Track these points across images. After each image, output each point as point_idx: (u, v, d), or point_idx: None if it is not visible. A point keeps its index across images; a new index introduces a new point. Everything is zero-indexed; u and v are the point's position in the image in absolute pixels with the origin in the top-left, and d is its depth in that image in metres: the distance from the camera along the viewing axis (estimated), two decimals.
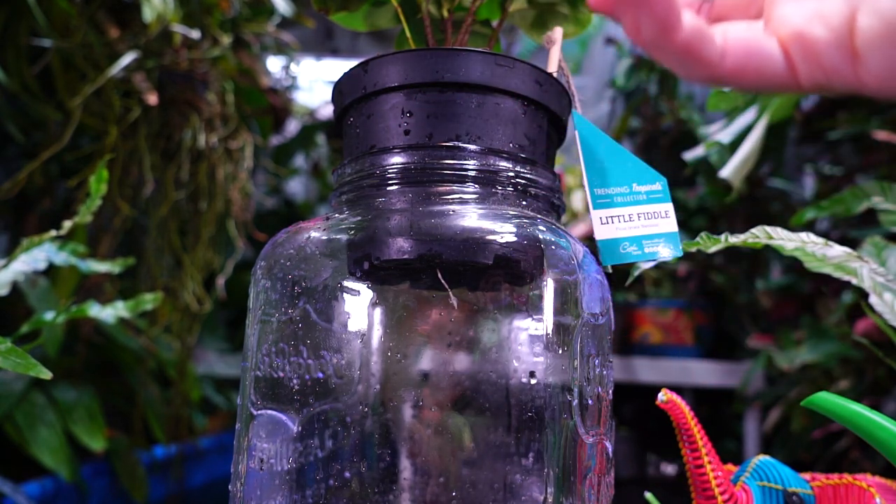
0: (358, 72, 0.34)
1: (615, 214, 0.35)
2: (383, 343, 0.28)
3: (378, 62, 0.33)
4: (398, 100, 0.33)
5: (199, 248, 1.03)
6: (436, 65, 0.32)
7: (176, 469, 1.06)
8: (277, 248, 0.33)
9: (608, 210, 0.35)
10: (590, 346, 0.31)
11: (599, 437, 0.31)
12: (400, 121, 0.33)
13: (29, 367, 0.39)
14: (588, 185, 0.35)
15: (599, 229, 0.35)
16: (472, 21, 0.38)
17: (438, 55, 0.32)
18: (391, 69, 0.33)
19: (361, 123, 0.34)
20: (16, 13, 0.86)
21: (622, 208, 0.36)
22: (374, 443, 0.28)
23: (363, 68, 0.33)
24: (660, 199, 0.36)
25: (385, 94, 0.33)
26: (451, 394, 0.28)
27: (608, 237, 0.35)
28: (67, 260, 0.60)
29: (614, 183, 0.36)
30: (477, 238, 0.30)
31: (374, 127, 0.33)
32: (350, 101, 0.34)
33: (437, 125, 0.32)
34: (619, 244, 0.35)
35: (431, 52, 0.32)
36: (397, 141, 0.33)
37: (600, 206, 0.35)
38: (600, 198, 0.35)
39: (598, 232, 0.35)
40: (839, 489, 0.35)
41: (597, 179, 0.36)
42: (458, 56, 0.32)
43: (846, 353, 0.99)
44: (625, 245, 0.35)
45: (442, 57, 0.32)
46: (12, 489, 0.79)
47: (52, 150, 0.82)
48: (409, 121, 0.32)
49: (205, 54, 0.97)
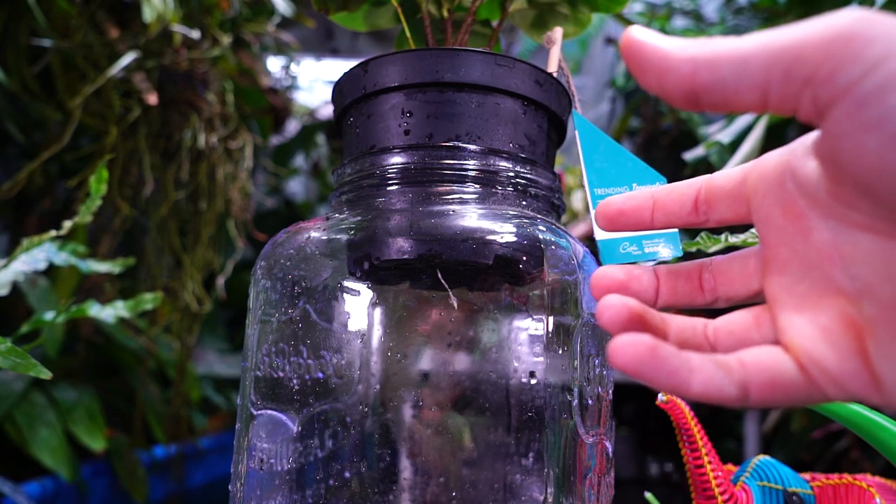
0: (358, 72, 0.34)
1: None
2: (383, 343, 0.28)
3: (378, 62, 0.33)
4: (398, 100, 0.33)
5: (199, 248, 1.03)
6: (436, 65, 0.32)
7: (176, 469, 1.06)
8: (277, 249, 0.33)
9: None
10: (590, 347, 0.31)
11: (599, 437, 0.31)
12: (400, 120, 0.33)
13: (29, 367, 0.39)
14: (588, 186, 0.35)
15: (599, 229, 0.35)
16: (473, 21, 0.38)
17: (438, 55, 0.32)
18: (391, 69, 0.33)
19: (361, 123, 0.34)
20: (16, 13, 0.86)
21: None
22: (374, 443, 0.28)
23: (363, 68, 0.33)
24: None
25: (385, 93, 0.33)
26: (451, 394, 0.28)
27: (608, 237, 0.35)
28: (67, 260, 0.60)
29: (614, 183, 0.36)
30: (477, 238, 0.30)
31: (374, 127, 0.34)
32: (350, 100, 0.34)
33: (438, 125, 0.32)
34: (619, 244, 0.35)
35: (431, 52, 0.32)
36: (397, 141, 0.33)
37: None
38: (601, 198, 0.35)
39: (598, 232, 0.35)
40: (839, 489, 0.35)
41: (597, 179, 0.36)
42: (458, 56, 0.32)
43: None
44: (625, 245, 0.35)
45: (442, 57, 0.32)
46: (12, 489, 0.79)
47: (52, 150, 0.82)
48: (410, 121, 0.32)
49: (205, 54, 0.97)
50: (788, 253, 0.21)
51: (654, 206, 0.25)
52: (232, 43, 1.06)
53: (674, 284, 0.25)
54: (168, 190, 0.99)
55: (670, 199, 0.25)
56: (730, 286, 0.24)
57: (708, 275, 0.25)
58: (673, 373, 0.19)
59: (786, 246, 0.21)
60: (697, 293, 0.25)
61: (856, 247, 0.19)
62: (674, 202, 0.25)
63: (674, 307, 0.26)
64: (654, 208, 0.25)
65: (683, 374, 0.19)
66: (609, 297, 0.21)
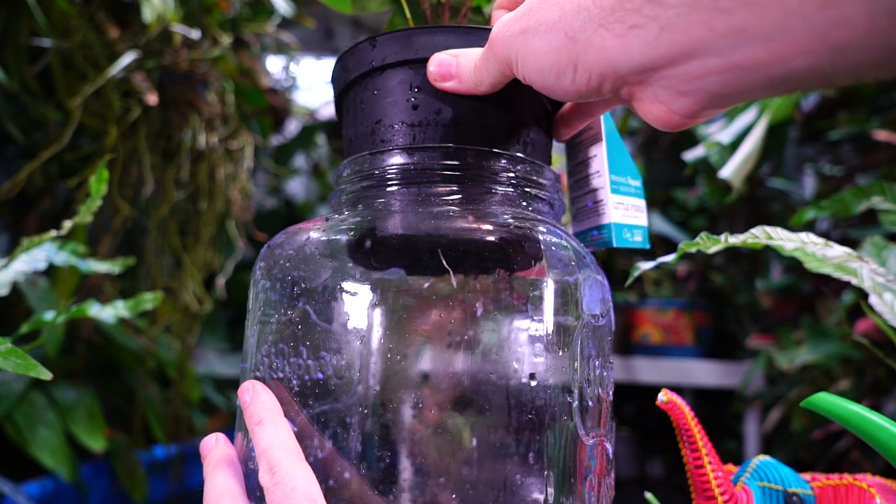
0: (365, 46, 0.33)
1: (621, 202, 0.37)
2: (383, 344, 0.28)
3: (388, 37, 0.33)
4: (407, 75, 0.33)
5: (199, 248, 1.03)
6: (447, 42, 0.32)
7: (176, 469, 1.06)
8: (277, 249, 0.33)
9: (618, 196, 0.36)
10: (590, 348, 0.31)
11: (600, 438, 0.31)
12: (409, 95, 0.32)
13: (29, 368, 0.39)
14: (609, 170, 0.36)
15: (613, 213, 0.36)
16: (470, 6, 0.38)
17: (452, 31, 0.32)
18: (401, 44, 0.32)
19: (367, 98, 0.34)
20: (16, 13, 0.86)
21: (625, 197, 0.37)
22: (373, 443, 0.28)
23: (371, 43, 0.33)
24: (640, 195, 0.38)
25: (393, 68, 0.33)
26: (451, 395, 0.28)
27: (619, 221, 0.36)
28: (67, 260, 0.60)
29: (621, 172, 0.37)
30: (477, 238, 0.30)
31: (380, 102, 0.33)
32: (355, 76, 0.34)
33: (447, 98, 0.32)
34: (623, 230, 0.36)
35: (444, 29, 0.32)
36: (405, 116, 0.32)
37: (615, 192, 0.36)
38: (614, 184, 0.37)
39: (613, 215, 0.36)
40: (839, 489, 0.35)
41: (613, 166, 0.37)
42: (471, 33, 0.32)
43: (846, 353, 0.99)
44: (625, 231, 0.36)
45: (455, 33, 0.32)
46: (12, 489, 0.79)
47: (52, 150, 0.82)
48: (418, 96, 0.32)
49: (205, 54, 0.97)
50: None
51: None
52: (232, 43, 1.06)
53: None
54: (168, 190, 0.99)
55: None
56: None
57: None
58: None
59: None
60: None
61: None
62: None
63: None
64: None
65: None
66: None
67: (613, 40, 0.24)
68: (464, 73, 0.31)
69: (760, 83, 0.23)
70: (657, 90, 0.25)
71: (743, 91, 0.24)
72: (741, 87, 0.23)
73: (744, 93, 0.24)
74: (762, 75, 0.22)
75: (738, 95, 0.24)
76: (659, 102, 0.25)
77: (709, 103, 0.25)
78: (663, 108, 0.26)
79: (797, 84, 0.22)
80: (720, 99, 0.24)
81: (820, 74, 0.21)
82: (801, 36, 0.20)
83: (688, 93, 0.24)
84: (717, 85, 0.23)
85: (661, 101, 0.25)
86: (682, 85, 0.24)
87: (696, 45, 0.22)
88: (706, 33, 0.22)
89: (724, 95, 0.24)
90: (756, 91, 0.24)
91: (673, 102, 0.25)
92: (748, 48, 0.22)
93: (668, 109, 0.25)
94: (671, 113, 0.26)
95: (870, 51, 0.20)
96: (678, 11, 0.22)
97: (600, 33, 0.24)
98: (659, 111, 0.26)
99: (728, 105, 0.26)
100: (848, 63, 0.21)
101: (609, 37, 0.24)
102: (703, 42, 0.22)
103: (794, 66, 0.21)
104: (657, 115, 0.26)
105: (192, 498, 1.08)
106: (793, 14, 0.20)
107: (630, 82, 0.25)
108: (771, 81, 0.23)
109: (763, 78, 0.22)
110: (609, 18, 0.24)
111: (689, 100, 0.25)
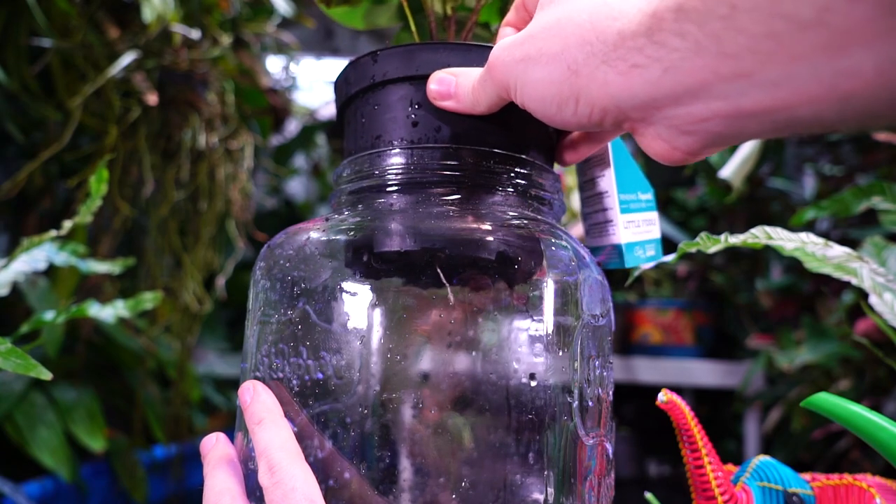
0: (367, 61, 0.33)
1: (632, 220, 0.37)
2: (383, 344, 0.28)
3: (389, 52, 0.33)
4: (407, 91, 0.33)
5: (199, 248, 1.03)
6: (448, 58, 0.32)
7: (176, 469, 1.06)
8: (277, 249, 0.33)
9: (629, 215, 0.37)
10: (590, 348, 0.31)
11: (600, 438, 0.31)
12: (409, 111, 0.32)
13: (29, 368, 0.39)
14: (617, 190, 0.36)
15: (623, 233, 0.36)
16: (476, 21, 0.38)
17: (453, 48, 0.32)
18: (403, 59, 0.32)
19: (367, 113, 0.34)
20: (16, 13, 0.86)
21: (636, 214, 0.37)
22: (373, 443, 0.28)
23: (373, 57, 0.33)
24: (652, 208, 0.38)
25: (394, 84, 0.33)
26: (451, 395, 0.28)
27: (630, 241, 0.36)
28: (67, 260, 0.60)
29: (629, 189, 0.37)
30: (477, 239, 0.30)
31: (380, 117, 0.33)
32: (356, 90, 0.34)
33: (446, 118, 0.32)
34: (634, 248, 0.36)
35: (445, 46, 0.32)
36: (404, 133, 0.32)
37: (625, 212, 0.36)
38: (623, 202, 0.36)
39: (623, 235, 0.36)
40: (839, 490, 0.35)
41: (622, 184, 0.37)
42: (472, 51, 0.32)
43: (846, 353, 0.99)
44: (637, 249, 0.36)
45: (456, 51, 0.32)
46: (12, 489, 0.79)
47: (52, 150, 0.82)
48: (418, 112, 0.32)
49: (205, 54, 0.97)
50: None
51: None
52: (232, 43, 1.06)
53: None
54: (168, 190, 0.99)
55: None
56: None
57: None
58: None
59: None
60: None
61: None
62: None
63: None
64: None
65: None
66: None
67: (616, 77, 0.24)
68: (462, 94, 0.31)
69: (765, 127, 0.23)
70: (659, 128, 0.25)
71: (746, 133, 0.24)
72: (745, 129, 0.23)
73: (747, 135, 0.24)
74: (767, 119, 0.22)
75: (742, 136, 0.24)
76: (661, 140, 0.25)
77: (711, 143, 0.25)
78: (665, 145, 0.25)
79: (802, 129, 0.22)
80: (723, 139, 0.24)
81: (826, 121, 0.21)
82: (810, 84, 0.20)
83: (690, 132, 0.24)
84: (720, 126, 0.23)
85: (664, 138, 0.25)
86: (685, 125, 0.24)
87: (701, 88, 0.22)
88: (711, 77, 0.22)
89: (728, 136, 0.24)
90: (760, 133, 0.24)
91: (675, 140, 0.25)
92: (754, 94, 0.21)
93: (671, 147, 0.25)
94: (673, 150, 0.25)
95: (876, 101, 0.20)
96: (682, 55, 0.22)
97: (603, 69, 0.24)
98: (661, 147, 0.26)
99: (731, 144, 0.25)
100: (854, 112, 0.20)
101: (612, 73, 0.24)
102: (708, 85, 0.22)
103: (800, 114, 0.21)
104: (658, 150, 0.26)
105: (192, 498, 1.08)
106: (801, 62, 0.20)
107: (632, 118, 0.25)
108: (775, 126, 0.22)
109: (768, 122, 0.22)
110: (612, 55, 0.23)
111: (691, 139, 0.25)
